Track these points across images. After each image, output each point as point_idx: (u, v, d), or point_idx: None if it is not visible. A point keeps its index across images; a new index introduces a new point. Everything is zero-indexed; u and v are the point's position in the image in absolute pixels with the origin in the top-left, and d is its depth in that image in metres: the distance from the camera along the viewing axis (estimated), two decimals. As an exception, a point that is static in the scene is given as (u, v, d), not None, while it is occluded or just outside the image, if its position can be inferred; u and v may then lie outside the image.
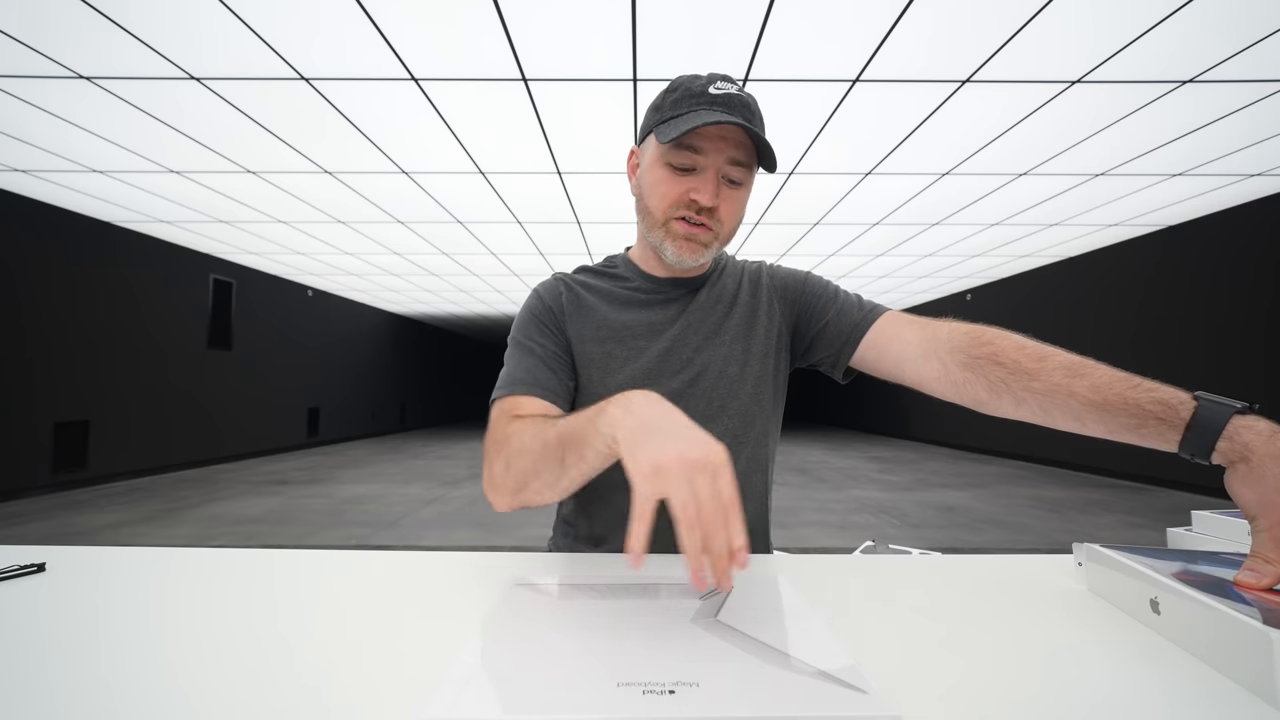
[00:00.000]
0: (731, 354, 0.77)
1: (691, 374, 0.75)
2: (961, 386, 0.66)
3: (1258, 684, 0.35)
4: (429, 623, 0.49)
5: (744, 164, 0.68)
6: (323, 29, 2.34)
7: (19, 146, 3.51)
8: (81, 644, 0.44)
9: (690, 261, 0.72)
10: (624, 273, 0.82)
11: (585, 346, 0.76)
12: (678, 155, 0.68)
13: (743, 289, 0.81)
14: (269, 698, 0.36)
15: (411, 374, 11.68)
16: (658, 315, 0.79)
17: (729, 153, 0.67)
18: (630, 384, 0.75)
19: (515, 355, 0.75)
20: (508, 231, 5.25)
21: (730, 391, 0.76)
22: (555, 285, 0.80)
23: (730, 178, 0.69)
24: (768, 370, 0.79)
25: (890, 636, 0.46)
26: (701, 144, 0.67)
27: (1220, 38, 2.36)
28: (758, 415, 0.77)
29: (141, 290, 5.49)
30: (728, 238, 0.73)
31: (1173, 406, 0.52)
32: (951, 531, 3.57)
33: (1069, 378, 0.58)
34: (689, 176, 0.69)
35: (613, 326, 0.77)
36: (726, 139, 0.67)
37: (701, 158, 0.67)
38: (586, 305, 0.79)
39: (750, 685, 0.34)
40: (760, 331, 0.79)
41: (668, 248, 0.72)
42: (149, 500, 4.49)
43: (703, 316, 0.78)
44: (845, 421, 12.78)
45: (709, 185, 0.67)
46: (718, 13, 2.26)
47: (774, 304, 0.81)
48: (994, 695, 0.36)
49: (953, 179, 3.94)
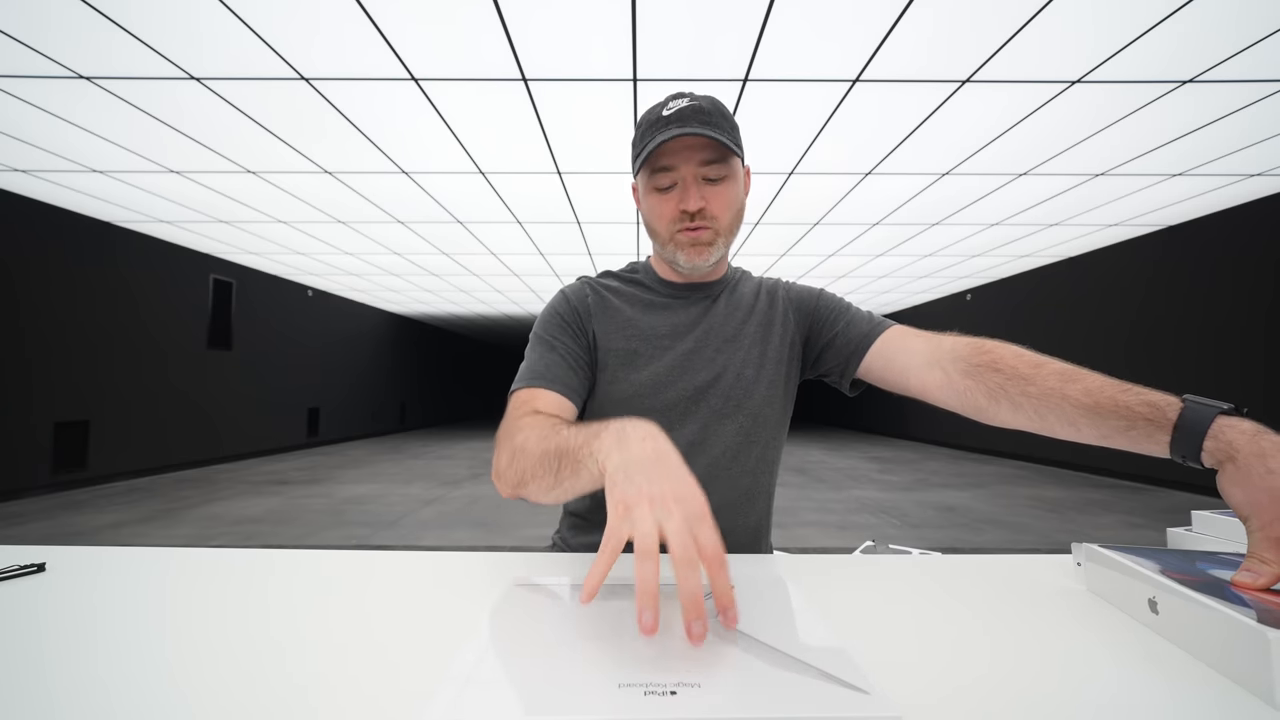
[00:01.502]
0: (749, 358, 0.81)
1: (712, 374, 0.79)
2: (963, 394, 0.68)
3: (1256, 684, 0.35)
4: (429, 623, 0.49)
5: (716, 161, 0.73)
6: (323, 29, 2.34)
7: (19, 146, 3.51)
8: (81, 644, 0.44)
9: (701, 263, 0.77)
10: (645, 279, 0.88)
11: (611, 343, 0.81)
12: (656, 178, 0.75)
13: (760, 300, 0.86)
14: (268, 698, 0.36)
15: (411, 374, 11.68)
16: (680, 318, 0.83)
17: (696, 157, 0.73)
18: (654, 380, 0.79)
19: (538, 350, 0.79)
20: (508, 231, 5.25)
21: (746, 393, 0.79)
22: (582, 288, 0.85)
23: (707, 177, 0.74)
24: (780, 376, 0.82)
25: (890, 636, 0.46)
26: (670, 161, 0.73)
27: (1220, 38, 2.36)
28: (769, 418, 0.81)
29: (141, 290, 5.49)
30: (729, 229, 0.78)
31: (1160, 408, 0.54)
32: (951, 531, 3.57)
33: (1063, 383, 0.60)
34: (674, 192, 0.75)
35: (638, 326, 0.82)
36: (690, 147, 0.73)
37: (675, 172, 0.74)
38: (612, 306, 0.84)
39: (752, 686, 0.35)
40: (776, 340, 0.83)
41: (679, 258, 0.78)
42: (149, 500, 4.49)
43: (723, 322, 0.83)
44: (845, 422, 12.79)
45: (689, 192, 0.73)
46: (718, 13, 2.26)
47: (789, 315, 0.86)
48: (994, 695, 0.36)
49: (953, 179, 3.94)
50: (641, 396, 0.78)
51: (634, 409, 0.78)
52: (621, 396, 0.79)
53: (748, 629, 0.42)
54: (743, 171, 0.79)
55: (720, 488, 0.76)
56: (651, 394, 0.78)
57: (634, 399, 0.79)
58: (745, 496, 0.79)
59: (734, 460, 0.78)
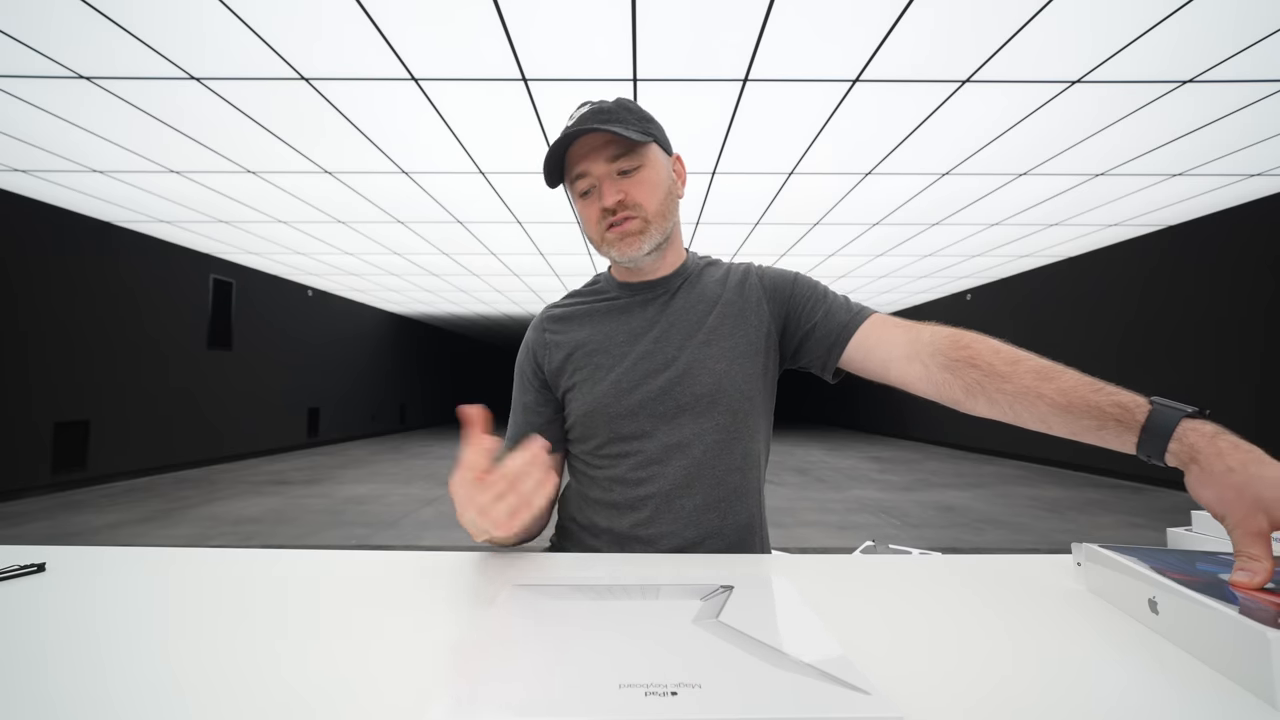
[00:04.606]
0: (718, 351, 0.79)
1: (675, 373, 0.78)
2: (941, 386, 0.69)
3: (1256, 683, 0.35)
4: (429, 623, 0.49)
5: (624, 154, 0.75)
6: (323, 29, 2.34)
7: (19, 146, 3.51)
8: (81, 644, 0.44)
9: (635, 253, 0.78)
10: (604, 287, 0.89)
11: (573, 365, 0.82)
12: (577, 185, 0.78)
13: (728, 289, 0.84)
14: (268, 698, 0.36)
15: (412, 374, 11.68)
16: (636, 320, 0.83)
17: (602, 154, 0.75)
18: (615, 389, 0.78)
19: (514, 407, 0.88)
20: (508, 231, 5.25)
21: (718, 388, 0.77)
22: (536, 332, 0.88)
23: (620, 170, 0.75)
24: (757, 369, 0.80)
25: (891, 637, 0.46)
26: (581, 166, 0.76)
27: (1220, 38, 2.36)
28: (749, 412, 0.79)
29: (141, 290, 5.49)
30: (659, 215, 0.78)
31: (1130, 410, 0.55)
32: (951, 531, 3.57)
33: (1038, 381, 0.62)
34: (594, 195, 0.77)
35: (596, 340, 0.83)
36: (595, 148, 0.75)
37: (589, 176, 0.76)
38: (571, 329, 0.85)
39: (752, 686, 0.35)
40: (749, 331, 0.81)
41: (614, 254, 0.79)
42: (149, 500, 4.49)
43: (683, 317, 0.82)
44: (844, 421, 12.79)
45: (604, 189, 0.75)
46: (718, 13, 2.26)
47: (763, 304, 0.83)
48: (994, 695, 0.36)
49: (953, 179, 3.94)
50: (606, 404, 0.78)
51: (602, 418, 0.78)
52: (587, 410, 0.79)
53: (748, 629, 0.42)
54: (668, 159, 0.80)
55: (705, 487, 0.76)
56: (614, 400, 0.78)
57: (598, 410, 0.78)
58: (734, 494, 0.77)
59: (718, 458, 0.77)
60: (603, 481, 0.80)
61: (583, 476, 0.84)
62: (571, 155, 0.76)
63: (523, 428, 0.84)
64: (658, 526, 0.76)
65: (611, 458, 0.79)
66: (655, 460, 0.77)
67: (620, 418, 0.78)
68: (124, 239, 5.29)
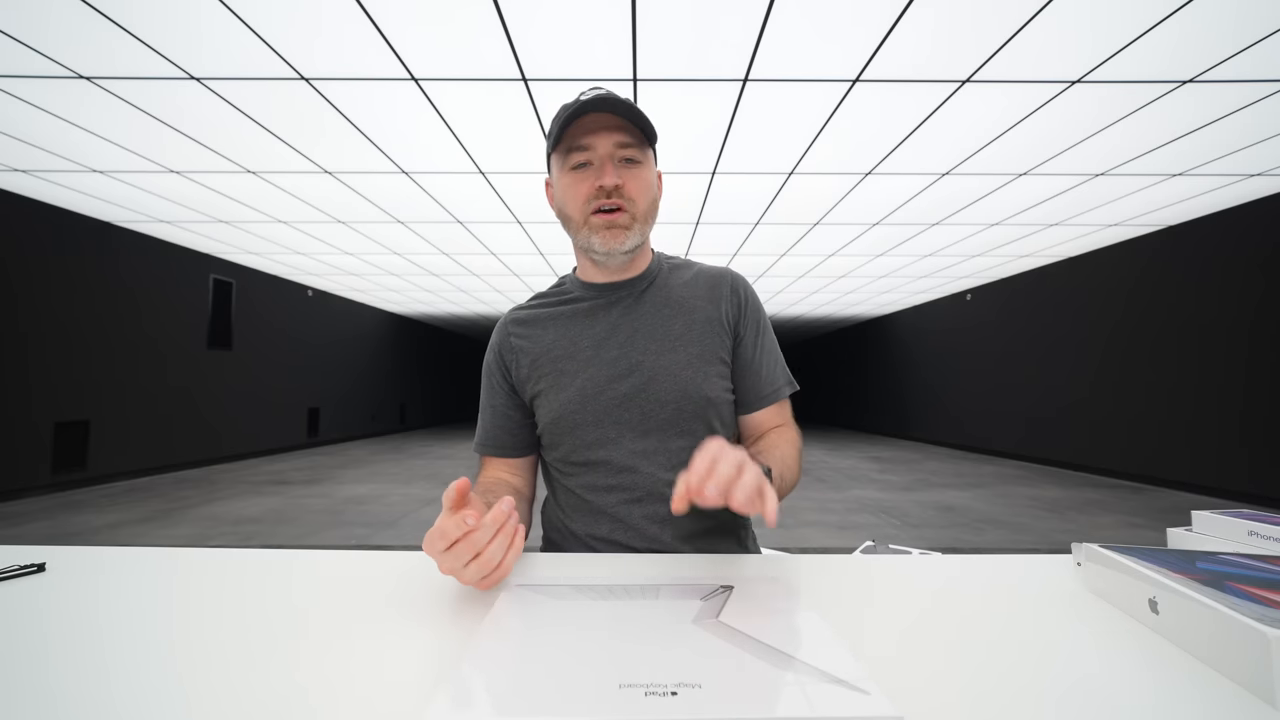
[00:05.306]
0: (684, 358, 0.78)
1: (640, 380, 0.77)
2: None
3: (1256, 683, 0.35)
4: (429, 623, 0.49)
5: (633, 144, 0.75)
6: (323, 29, 2.34)
7: (19, 146, 3.51)
8: (81, 644, 0.44)
9: (617, 247, 0.76)
10: (569, 289, 0.87)
11: (538, 373, 0.81)
12: (573, 157, 0.75)
13: (698, 291, 0.83)
14: (268, 698, 0.36)
15: (412, 374, 11.68)
16: (601, 324, 0.81)
17: (613, 138, 0.74)
18: (580, 395, 0.77)
19: (482, 408, 0.87)
20: (508, 231, 5.25)
21: (684, 394, 0.76)
22: (501, 335, 0.86)
23: (624, 158, 0.75)
24: (722, 372, 0.80)
25: (891, 636, 0.46)
26: (587, 140, 0.74)
27: (1220, 38, 2.36)
28: (715, 417, 0.79)
29: (141, 290, 5.49)
30: (645, 217, 0.78)
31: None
32: (951, 531, 3.57)
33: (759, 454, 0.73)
34: (589, 170, 0.75)
35: (561, 345, 0.81)
36: (607, 128, 0.74)
37: (592, 151, 0.74)
38: (536, 334, 0.84)
39: (752, 686, 0.35)
40: (714, 335, 0.81)
41: (594, 242, 0.76)
42: (149, 500, 4.49)
43: (649, 320, 0.81)
44: (845, 421, 12.78)
45: (606, 168, 0.74)
46: (717, 13, 2.26)
47: (731, 311, 0.83)
48: (994, 695, 0.36)
49: (953, 179, 3.94)
50: (571, 412, 0.77)
51: (568, 425, 0.77)
52: (554, 417, 0.78)
53: (748, 629, 0.43)
54: (656, 170, 0.80)
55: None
56: (579, 408, 0.77)
57: (564, 417, 0.77)
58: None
59: (686, 465, 0.76)
60: (576, 489, 0.79)
61: (557, 485, 0.83)
62: (577, 126, 0.74)
63: (494, 431, 0.84)
64: (632, 535, 0.75)
65: (581, 465, 0.78)
66: (626, 468, 0.76)
67: (585, 425, 0.77)
68: (124, 239, 5.29)
